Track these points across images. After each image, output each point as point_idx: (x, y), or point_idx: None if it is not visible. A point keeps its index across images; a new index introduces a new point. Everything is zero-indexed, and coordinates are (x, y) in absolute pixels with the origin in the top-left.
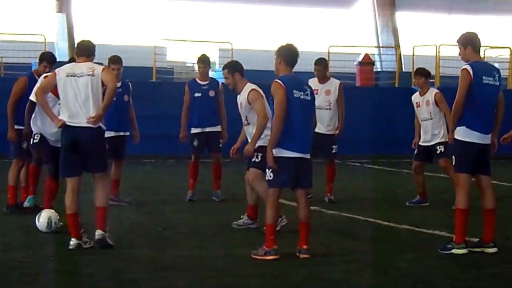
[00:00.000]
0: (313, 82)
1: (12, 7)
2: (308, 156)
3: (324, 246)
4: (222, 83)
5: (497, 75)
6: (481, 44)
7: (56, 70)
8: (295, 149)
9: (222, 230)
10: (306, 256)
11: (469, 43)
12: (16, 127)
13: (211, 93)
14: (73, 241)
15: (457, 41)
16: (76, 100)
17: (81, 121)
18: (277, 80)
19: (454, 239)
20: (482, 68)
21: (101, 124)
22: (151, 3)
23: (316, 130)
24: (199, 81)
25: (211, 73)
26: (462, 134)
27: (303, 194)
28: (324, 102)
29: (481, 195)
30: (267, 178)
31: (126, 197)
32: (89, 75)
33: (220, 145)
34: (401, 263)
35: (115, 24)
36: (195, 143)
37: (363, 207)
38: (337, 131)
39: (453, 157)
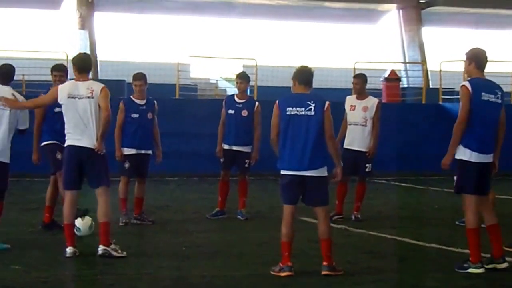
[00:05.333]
0: (351, 99)
1: (34, 25)
2: (307, 173)
3: (352, 265)
4: (259, 104)
5: (499, 93)
6: (488, 61)
7: (59, 87)
8: (284, 166)
9: (247, 249)
10: (327, 273)
11: (474, 59)
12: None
13: (244, 113)
14: (69, 249)
15: (465, 54)
16: (79, 123)
17: (85, 143)
18: (276, 101)
19: (470, 258)
20: (482, 84)
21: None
22: (174, 20)
23: (349, 146)
24: (236, 98)
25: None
26: (462, 153)
27: (318, 211)
28: (360, 118)
29: (483, 213)
30: None
31: (149, 216)
32: (88, 97)
33: (246, 166)
34: (430, 283)
35: (138, 41)
36: (222, 159)
37: (390, 225)
38: (369, 152)
39: (455, 177)
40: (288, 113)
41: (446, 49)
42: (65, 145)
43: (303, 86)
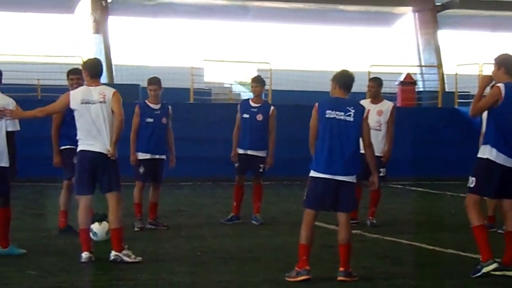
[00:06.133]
0: (365, 103)
1: (49, 29)
2: (342, 178)
3: (367, 270)
4: (274, 108)
5: None
6: None
7: (71, 93)
8: (319, 169)
9: (262, 254)
10: (342, 278)
11: (504, 64)
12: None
13: (259, 117)
14: (85, 255)
15: (494, 60)
16: (92, 128)
17: (98, 148)
18: (316, 103)
19: (481, 259)
20: None
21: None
22: (188, 24)
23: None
24: (251, 103)
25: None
26: (488, 152)
27: (341, 216)
28: (374, 122)
29: (504, 218)
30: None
31: (164, 221)
32: (100, 102)
33: (261, 170)
34: None
35: (152, 45)
36: (236, 164)
37: (406, 231)
38: (384, 156)
39: (473, 177)
40: (327, 116)
41: (462, 52)
42: (77, 150)
43: (342, 91)
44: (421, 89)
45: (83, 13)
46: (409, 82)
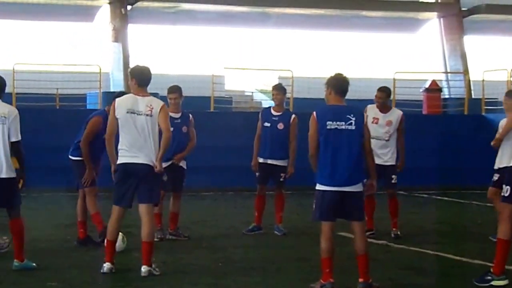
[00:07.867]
0: (372, 109)
1: (68, 38)
2: (347, 189)
3: (393, 282)
4: (296, 117)
5: None
6: None
7: (116, 101)
8: (324, 182)
9: (285, 265)
10: None
11: None
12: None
13: (280, 126)
14: (107, 265)
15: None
16: (137, 138)
17: (143, 159)
18: (313, 113)
19: (492, 270)
20: None
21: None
22: (208, 31)
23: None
24: (272, 111)
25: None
26: None
27: (355, 226)
28: (383, 133)
29: None
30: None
31: (184, 231)
32: (147, 115)
33: (281, 179)
34: None
35: (172, 53)
36: (257, 173)
37: (432, 241)
38: (399, 166)
39: (508, 186)
40: (328, 127)
41: (489, 58)
42: (120, 162)
43: (339, 97)
44: (447, 96)
45: (102, 22)
46: (434, 89)
